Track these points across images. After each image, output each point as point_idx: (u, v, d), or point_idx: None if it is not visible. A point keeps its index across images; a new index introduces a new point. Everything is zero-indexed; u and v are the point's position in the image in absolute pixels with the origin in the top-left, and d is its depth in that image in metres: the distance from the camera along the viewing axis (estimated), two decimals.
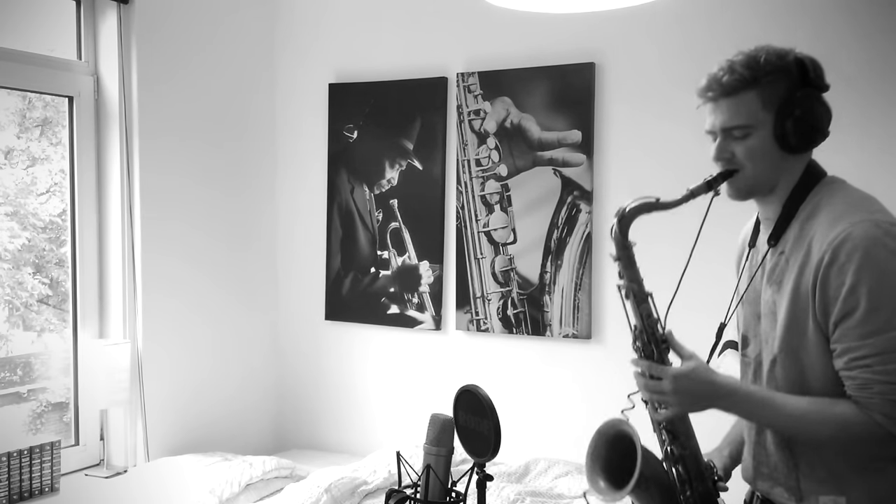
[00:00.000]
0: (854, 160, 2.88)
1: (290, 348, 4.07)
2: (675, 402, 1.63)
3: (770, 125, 1.61)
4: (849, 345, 1.52)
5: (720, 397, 1.62)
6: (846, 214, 1.56)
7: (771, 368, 1.66)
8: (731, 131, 1.63)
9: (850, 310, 1.51)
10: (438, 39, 3.67)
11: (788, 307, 1.61)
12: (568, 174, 3.39)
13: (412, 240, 3.74)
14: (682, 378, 1.61)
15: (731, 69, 1.62)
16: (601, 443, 1.72)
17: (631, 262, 1.70)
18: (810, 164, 1.68)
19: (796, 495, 1.65)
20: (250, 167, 3.93)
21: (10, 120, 3.30)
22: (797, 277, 1.60)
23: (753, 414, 1.65)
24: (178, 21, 3.55)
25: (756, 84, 1.61)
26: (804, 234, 1.62)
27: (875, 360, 1.50)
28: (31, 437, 3.28)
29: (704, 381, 1.61)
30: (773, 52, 1.63)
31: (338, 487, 2.95)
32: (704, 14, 3.16)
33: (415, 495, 1.80)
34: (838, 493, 1.59)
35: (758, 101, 1.61)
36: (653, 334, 1.68)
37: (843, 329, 1.53)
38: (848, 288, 1.51)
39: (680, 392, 1.61)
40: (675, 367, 1.64)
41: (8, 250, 3.27)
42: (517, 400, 3.49)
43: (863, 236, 1.52)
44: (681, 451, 1.71)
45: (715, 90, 1.63)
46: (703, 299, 2.41)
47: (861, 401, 1.52)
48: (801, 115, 1.60)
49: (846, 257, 1.52)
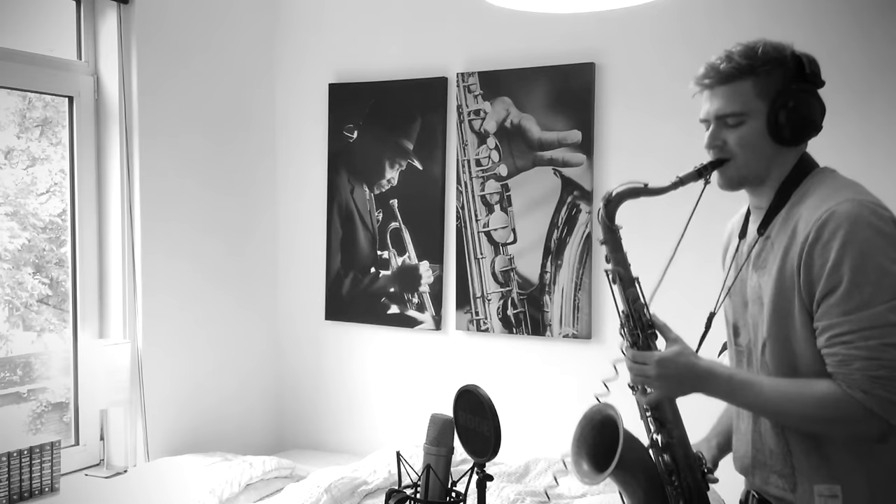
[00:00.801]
0: (854, 160, 2.88)
1: (290, 348, 4.07)
2: (658, 385, 1.65)
3: (763, 115, 1.63)
4: (830, 321, 1.52)
5: (702, 380, 1.63)
6: (831, 196, 1.58)
7: (762, 354, 1.67)
8: (724, 118, 1.65)
9: (833, 286, 1.52)
10: (438, 39, 3.67)
11: (774, 290, 1.61)
12: (568, 174, 3.39)
13: (412, 240, 3.74)
14: (666, 362, 1.64)
15: (729, 58, 1.64)
16: (587, 428, 1.73)
17: (617, 245, 1.72)
18: (803, 157, 1.69)
19: (790, 483, 1.64)
20: (250, 167, 3.93)
21: (10, 120, 3.30)
22: (782, 259, 1.61)
23: (734, 396, 1.65)
24: (178, 21, 3.55)
25: (752, 73, 1.63)
26: (790, 218, 1.63)
27: (856, 335, 1.49)
28: (31, 437, 3.28)
29: (688, 364, 1.63)
30: (771, 45, 1.65)
31: (338, 487, 2.95)
32: (704, 14, 3.16)
33: (415, 495, 1.80)
34: (833, 480, 1.58)
35: (753, 90, 1.63)
36: (639, 319, 1.70)
37: (825, 306, 1.53)
38: (831, 265, 1.51)
39: (664, 376, 1.64)
40: (660, 351, 1.66)
41: (8, 250, 3.27)
42: (517, 400, 3.49)
43: (847, 214, 1.53)
44: (668, 439, 1.72)
45: (712, 77, 1.65)
46: (695, 289, 2.40)
47: (841, 377, 1.51)
48: (795, 108, 1.62)
49: (830, 235, 1.52)
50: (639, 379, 1.68)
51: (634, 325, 1.71)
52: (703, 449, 1.84)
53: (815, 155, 1.72)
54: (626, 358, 1.72)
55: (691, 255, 2.01)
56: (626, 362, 1.72)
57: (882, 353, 1.48)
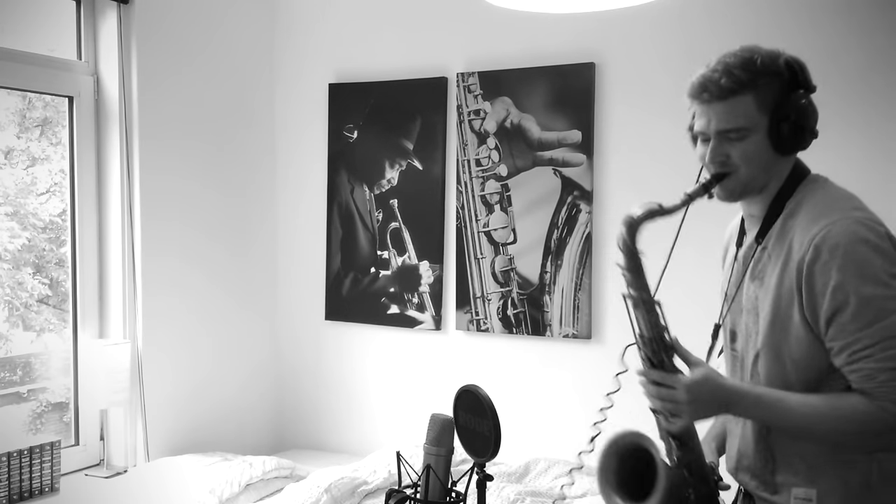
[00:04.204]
0: (853, 160, 2.88)
1: (290, 348, 4.07)
2: (689, 410, 1.61)
3: (765, 127, 1.62)
4: (846, 340, 1.53)
5: (732, 402, 1.61)
6: (825, 213, 1.58)
7: (754, 363, 1.67)
8: (726, 134, 1.63)
9: (840, 306, 1.52)
10: (438, 39, 3.67)
11: (772, 303, 1.62)
12: (568, 174, 3.39)
13: (412, 240, 3.74)
14: (696, 387, 1.60)
15: (728, 72, 1.61)
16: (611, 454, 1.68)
17: (640, 270, 1.66)
18: (796, 164, 1.69)
19: (771, 488, 1.66)
20: (250, 167, 3.93)
21: (10, 120, 3.30)
22: (780, 274, 1.61)
23: (766, 416, 1.63)
24: (178, 21, 3.55)
25: (753, 87, 1.61)
26: (785, 232, 1.63)
27: (875, 349, 1.50)
28: (31, 437, 3.28)
29: (716, 387, 1.60)
30: (767, 55, 1.63)
31: (338, 487, 2.95)
32: (704, 14, 3.16)
33: (415, 495, 1.80)
34: (810, 485, 1.60)
35: (754, 104, 1.61)
36: (661, 342, 1.65)
37: (837, 326, 1.53)
38: (834, 285, 1.52)
39: (694, 401, 1.60)
40: (687, 375, 1.62)
41: (8, 250, 3.27)
42: (517, 400, 3.49)
43: (843, 232, 1.53)
44: (689, 456, 1.71)
45: (712, 92, 1.63)
46: (700, 299, 2.41)
47: (869, 391, 1.51)
48: (796, 118, 1.61)
49: (829, 254, 1.53)
50: (668, 405, 1.63)
51: (657, 349, 1.65)
52: (706, 455, 1.84)
53: (812, 157, 1.72)
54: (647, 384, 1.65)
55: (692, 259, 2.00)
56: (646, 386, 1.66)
57: None
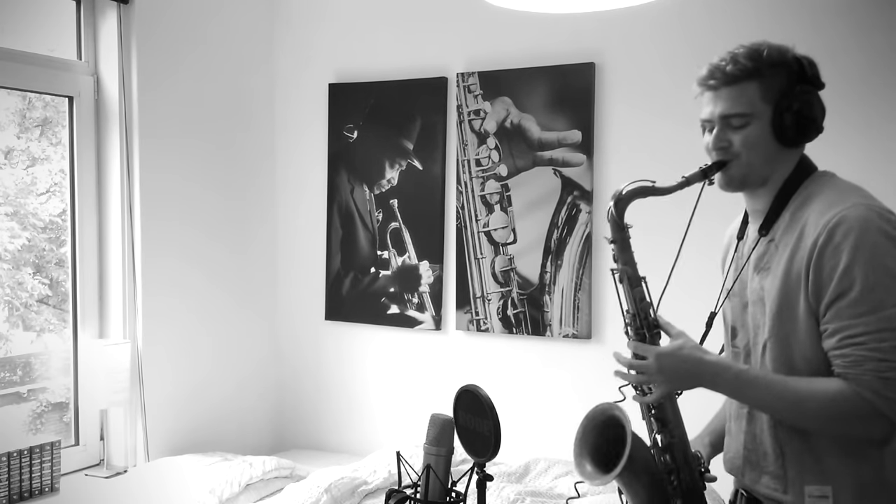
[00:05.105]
0: (853, 160, 2.88)
1: (290, 348, 4.07)
2: (660, 380, 1.64)
3: (768, 117, 1.65)
4: (842, 324, 1.54)
5: (708, 375, 1.63)
6: (840, 200, 1.60)
7: (762, 354, 1.68)
8: (729, 119, 1.66)
9: (845, 290, 1.53)
10: (438, 39, 3.67)
11: (779, 291, 1.63)
12: (568, 174, 3.39)
13: (412, 240, 3.74)
14: (667, 356, 1.64)
15: (735, 59, 1.65)
16: (590, 428, 1.73)
17: (626, 245, 1.73)
18: (802, 159, 1.71)
19: (782, 484, 1.66)
20: (250, 167, 3.93)
21: (10, 120, 3.30)
22: (788, 262, 1.62)
23: (741, 393, 1.65)
24: (178, 21, 3.55)
25: (758, 75, 1.64)
26: (795, 221, 1.65)
27: (869, 337, 1.51)
28: (31, 437, 3.28)
29: (691, 358, 1.63)
30: (775, 47, 1.67)
31: (338, 487, 2.95)
32: (705, 14, 3.16)
33: (415, 495, 1.80)
34: (823, 481, 1.60)
35: (758, 92, 1.64)
36: (645, 318, 1.71)
37: (836, 309, 1.54)
38: (843, 268, 1.53)
39: (665, 370, 1.63)
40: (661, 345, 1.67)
41: (8, 250, 3.27)
42: (517, 400, 3.49)
43: (857, 217, 1.55)
44: (669, 439, 1.73)
45: (718, 78, 1.66)
46: (698, 289, 2.40)
47: (851, 377, 1.52)
48: (799, 109, 1.64)
49: (841, 237, 1.54)
50: (640, 377, 1.67)
51: (641, 325, 1.71)
52: (697, 447, 1.85)
53: (814, 155, 1.73)
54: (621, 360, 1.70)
55: (694, 257, 2.01)
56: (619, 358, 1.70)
57: (894, 355, 1.50)
